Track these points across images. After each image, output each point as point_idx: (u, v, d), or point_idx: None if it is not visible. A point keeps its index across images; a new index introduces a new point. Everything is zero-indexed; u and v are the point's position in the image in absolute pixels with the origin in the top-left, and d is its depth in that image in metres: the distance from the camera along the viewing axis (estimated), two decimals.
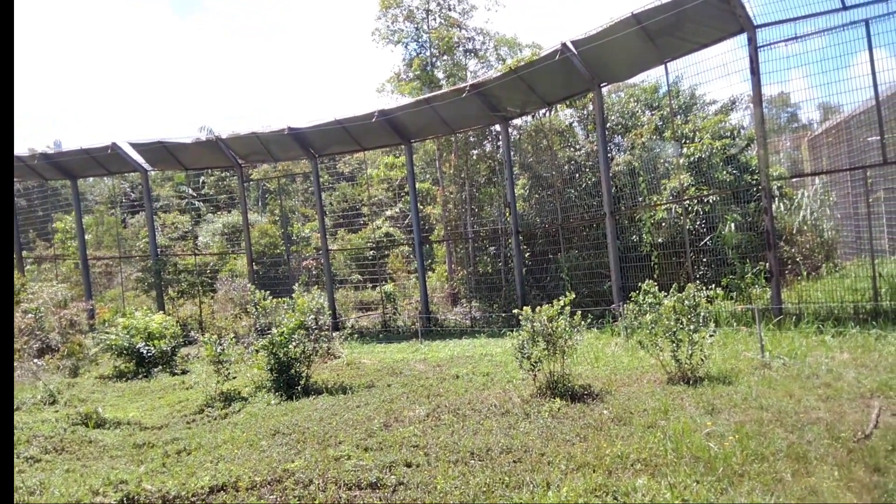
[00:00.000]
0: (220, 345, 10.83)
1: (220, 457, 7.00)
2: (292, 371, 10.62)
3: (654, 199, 16.51)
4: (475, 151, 22.06)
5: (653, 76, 25.44)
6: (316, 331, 10.92)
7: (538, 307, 8.65)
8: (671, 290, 11.30)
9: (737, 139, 19.83)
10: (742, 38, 12.67)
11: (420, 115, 17.12)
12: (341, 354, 13.41)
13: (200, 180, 44.11)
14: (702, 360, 8.85)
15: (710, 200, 17.62)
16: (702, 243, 16.82)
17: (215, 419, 9.56)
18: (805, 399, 7.25)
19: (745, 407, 7.11)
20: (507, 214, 17.33)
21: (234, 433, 8.22)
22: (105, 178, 49.86)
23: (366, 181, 29.01)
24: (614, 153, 20.62)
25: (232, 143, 19.73)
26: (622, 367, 10.32)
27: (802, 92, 12.48)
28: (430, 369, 11.90)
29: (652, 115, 22.72)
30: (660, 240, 17.41)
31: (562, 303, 8.53)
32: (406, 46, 22.86)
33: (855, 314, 11.75)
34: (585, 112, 21.55)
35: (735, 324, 12.22)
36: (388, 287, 19.19)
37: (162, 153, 20.52)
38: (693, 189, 17.81)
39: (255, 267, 25.95)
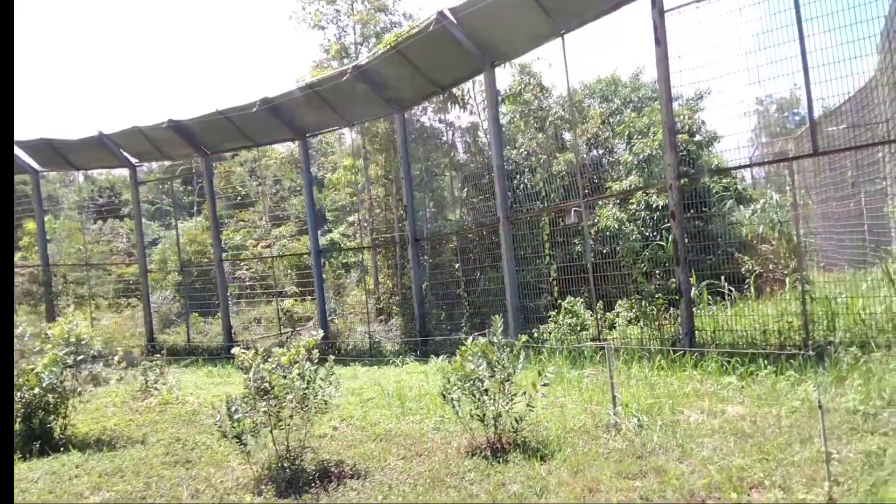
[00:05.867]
0: None
1: None
2: (34, 422, 8.30)
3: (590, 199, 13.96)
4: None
5: (612, 70, 22.94)
6: (71, 368, 8.59)
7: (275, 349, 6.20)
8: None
9: (696, 135, 17.36)
10: (647, 2, 10.15)
11: (309, 103, 14.80)
12: (159, 391, 11.09)
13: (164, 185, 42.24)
14: (516, 421, 6.36)
15: (658, 205, 15.17)
16: (644, 252, 14.30)
17: None
18: (595, 498, 4.75)
19: None
20: (404, 219, 14.91)
21: None
22: (74, 181, 48.29)
23: (336, 184, 26.77)
24: (555, 152, 18.19)
25: (118, 139, 17.57)
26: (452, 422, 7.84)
27: (718, 66, 9.90)
28: None
29: (601, 108, 20.25)
30: (605, 250, 14.91)
31: (308, 343, 6.08)
32: (324, 31, 20.58)
33: (781, 347, 9.16)
34: (528, 108, 19.17)
35: (628, 358, 9.66)
36: (287, 303, 16.82)
37: (49, 153, 18.49)
38: (640, 193, 15.33)
39: (179, 277, 23.90)
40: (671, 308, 10.96)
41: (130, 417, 9.89)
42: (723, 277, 12.57)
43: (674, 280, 10.30)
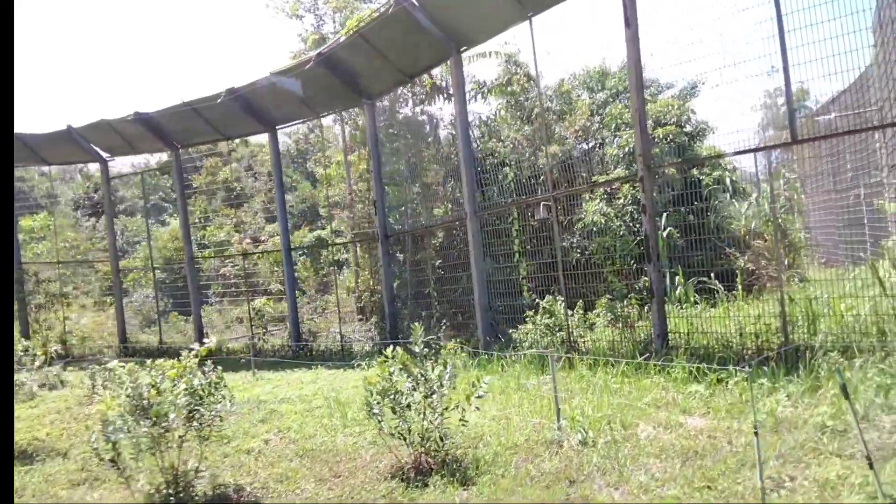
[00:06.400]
0: None
1: None
2: None
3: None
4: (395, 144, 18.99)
5: (593, 61, 22.25)
6: None
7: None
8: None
9: (685, 126, 16.61)
10: None
11: (276, 94, 14.17)
12: (102, 396, 10.52)
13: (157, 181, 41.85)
14: (441, 440, 5.72)
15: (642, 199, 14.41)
16: (616, 249, 13.60)
17: None
18: None
19: None
20: (374, 213, 14.27)
21: None
22: (67, 178, 48.14)
23: (326, 181, 26.22)
24: (541, 144, 17.47)
25: (87, 133, 17.01)
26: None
27: (692, 50, 9.16)
28: None
29: (589, 99, 19.49)
30: (592, 246, 14.23)
31: (200, 352, 5.44)
32: (302, 20, 19.90)
33: (758, 352, 8.46)
34: (514, 99, 18.44)
35: (593, 363, 8.96)
36: (258, 302, 16.22)
37: (20, 148, 17.91)
38: (627, 186, 14.60)
39: (160, 275, 23.39)
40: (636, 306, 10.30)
41: (66, 426, 9.34)
42: (713, 274, 11.89)
43: (646, 279, 9.61)
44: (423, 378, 5.63)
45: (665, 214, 14.15)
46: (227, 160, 28.53)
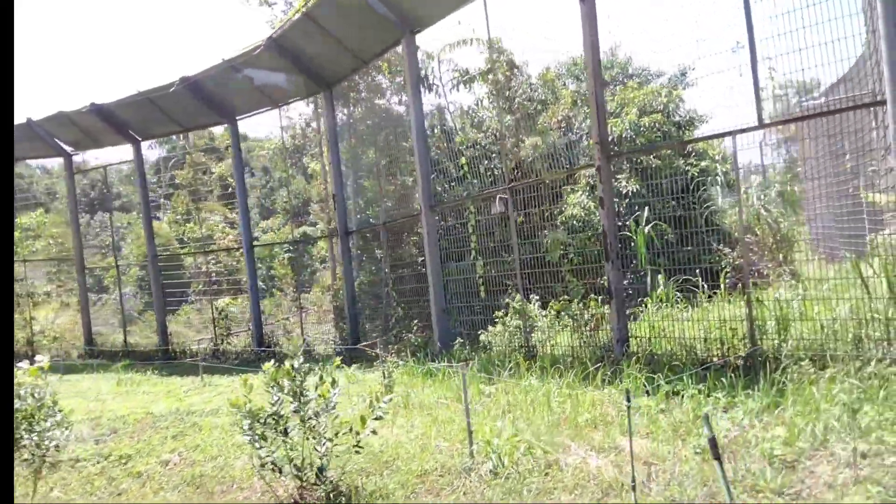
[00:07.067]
0: None
1: None
2: None
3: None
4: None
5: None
6: None
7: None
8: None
9: (673, 114, 15.67)
10: None
11: (231, 82, 13.45)
12: None
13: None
14: (320, 471, 4.93)
15: (628, 191, 13.54)
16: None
17: None
18: None
19: None
20: (333, 208, 13.49)
21: None
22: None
23: (319, 175, 25.53)
24: (522, 135, 16.59)
25: (47, 126, 16.36)
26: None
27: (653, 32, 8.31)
28: None
29: (572, 88, 18.55)
30: (570, 241, 13.36)
31: (30, 371, 4.65)
32: (272, 8, 19.16)
33: (723, 359, 7.59)
34: (495, 88, 17.56)
35: (541, 373, 8.11)
36: (222, 303, 15.51)
37: None
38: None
39: (140, 272, 22.85)
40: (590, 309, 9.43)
41: None
42: (698, 272, 10.99)
43: (604, 279, 8.75)
44: (301, 399, 4.83)
45: (648, 206, 13.31)
46: (209, 151, 27.91)
